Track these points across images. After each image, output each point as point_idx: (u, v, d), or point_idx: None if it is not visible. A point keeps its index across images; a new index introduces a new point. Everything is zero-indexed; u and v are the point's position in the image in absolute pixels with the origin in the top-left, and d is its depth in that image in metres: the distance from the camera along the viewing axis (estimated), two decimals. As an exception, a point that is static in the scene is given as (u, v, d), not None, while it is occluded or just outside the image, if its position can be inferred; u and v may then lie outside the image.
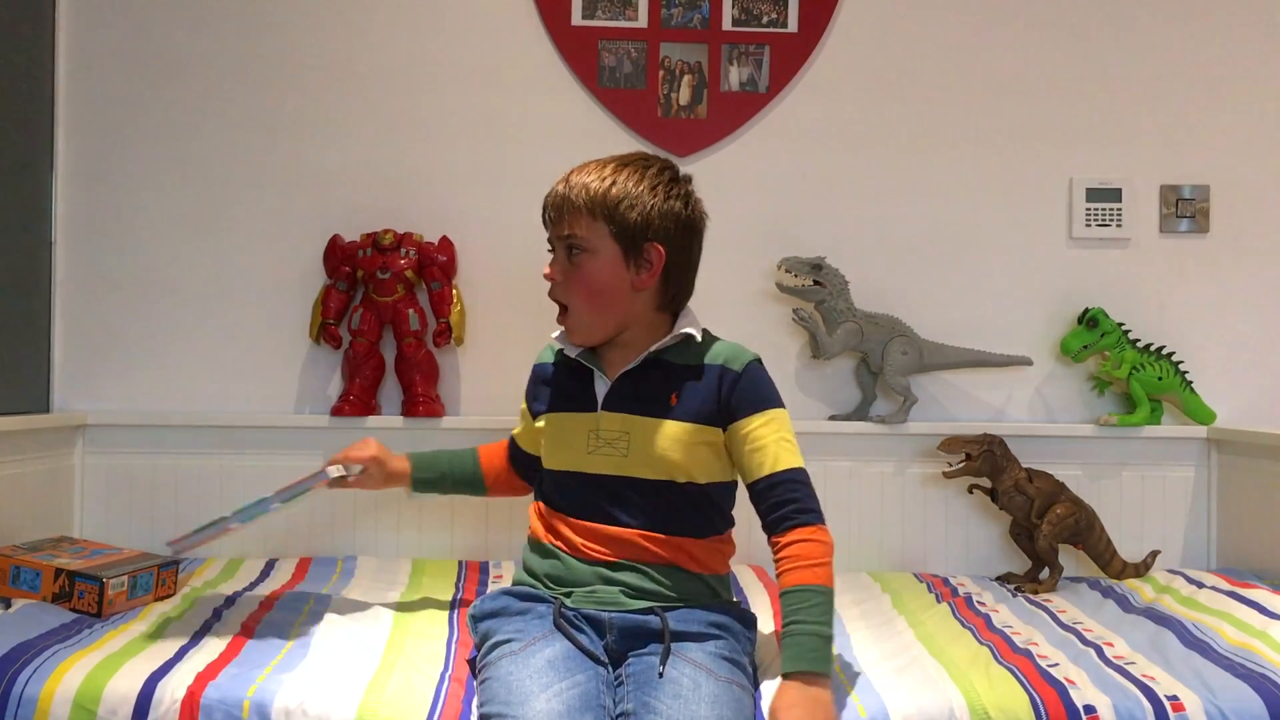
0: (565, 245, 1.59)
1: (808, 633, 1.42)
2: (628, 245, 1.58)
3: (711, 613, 1.53)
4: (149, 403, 2.32)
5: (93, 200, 2.33)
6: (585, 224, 1.57)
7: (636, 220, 1.57)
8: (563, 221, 1.59)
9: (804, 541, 1.49)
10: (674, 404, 1.56)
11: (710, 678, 1.39)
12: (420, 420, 2.27)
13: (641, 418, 1.57)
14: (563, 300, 1.61)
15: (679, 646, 1.46)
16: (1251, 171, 2.40)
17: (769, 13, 2.38)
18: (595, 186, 1.57)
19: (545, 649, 1.42)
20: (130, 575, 1.78)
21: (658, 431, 1.55)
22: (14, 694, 1.41)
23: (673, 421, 1.56)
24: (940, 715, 1.41)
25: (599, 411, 1.59)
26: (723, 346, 1.62)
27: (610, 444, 1.57)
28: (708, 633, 1.49)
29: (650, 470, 1.55)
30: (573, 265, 1.58)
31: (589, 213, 1.57)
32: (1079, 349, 2.31)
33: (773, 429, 1.55)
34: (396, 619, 1.77)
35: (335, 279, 2.28)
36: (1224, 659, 1.59)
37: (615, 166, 1.60)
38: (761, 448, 1.54)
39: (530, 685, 1.34)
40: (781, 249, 2.33)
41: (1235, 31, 2.41)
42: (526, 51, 2.37)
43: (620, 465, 1.56)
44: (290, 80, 2.35)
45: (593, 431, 1.58)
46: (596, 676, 1.40)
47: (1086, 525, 2.16)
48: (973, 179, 2.40)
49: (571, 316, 1.60)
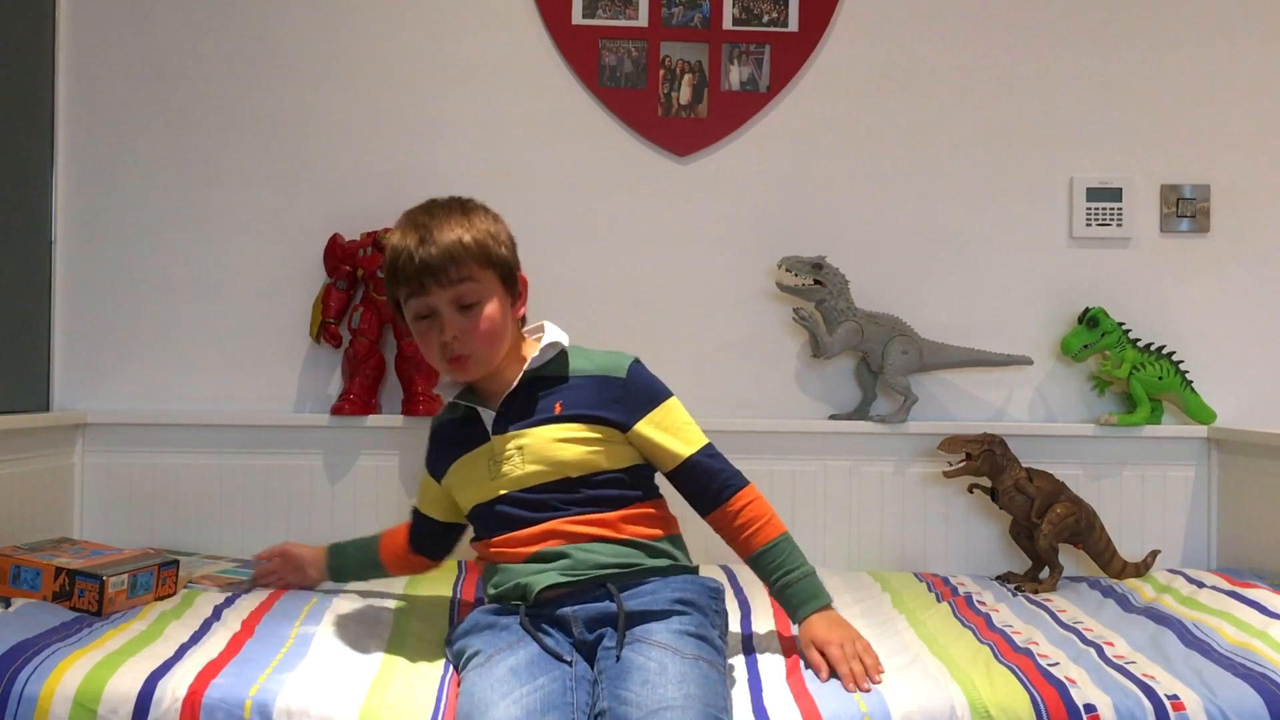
0: (454, 302, 1.59)
1: (802, 575, 1.59)
2: (508, 282, 1.64)
3: (673, 588, 1.54)
4: (149, 402, 2.32)
5: (93, 200, 2.33)
6: (475, 272, 1.59)
7: (506, 256, 1.64)
8: (446, 281, 1.57)
9: (750, 503, 1.62)
10: (559, 411, 1.61)
11: (676, 657, 1.40)
12: (420, 419, 2.27)
13: (530, 429, 1.60)
14: (465, 352, 1.60)
15: (643, 629, 1.47)
16: (1251, 171, 2.41)
17: (769, 12, 2.38)
18: (466, 238, 1.59)
19: (509, 657, 1.43)
20: (130, 574, 1.78)
21: (549, 435, 1.59)
22: (14, 693, 1.40)
23: (562, 425, 1.60)
24: (941, 713, 1.41)
25: (490, 439, 1.63)
26: (597, 355, 1.67)
27: (507, 462, 1.60)
28: (671, 609, 1.50)
29: (550, 471, 1.59)
30: (468, 317, 1.59)
31: (475, 261, 1.59)
32: (1079, 348, 2.31)
33: (672, 418, 1.64)
34: (396, 619, 1.77)
35: (335, 278, 2.28)
36: (1224, 658, 1.59)
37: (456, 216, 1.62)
38: (668, 438, 1.62)
39: (491, 694, 1.35)
40: (781, 249, 2.33)
41: (1235, 31, 2.41)
42: (526, 51, 2.37)
43: (520, 480, 1.59)
44: (290, 80, 2.35)
45: (490, 460, 1.62)
46: (563, 675, 1.40)
47: (1086, 525, 2.16)
48: (973, 179, 2.40)
49: (473, 363, 1.61)
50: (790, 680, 1.49)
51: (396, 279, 1.61)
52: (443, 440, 1.73)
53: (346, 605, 1.83)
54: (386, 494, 2.30)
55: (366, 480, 2.30)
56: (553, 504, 1.59)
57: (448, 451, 1.70)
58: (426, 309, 1.60)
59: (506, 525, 1.61)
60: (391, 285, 1.63)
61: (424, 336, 1.63)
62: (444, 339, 1.59)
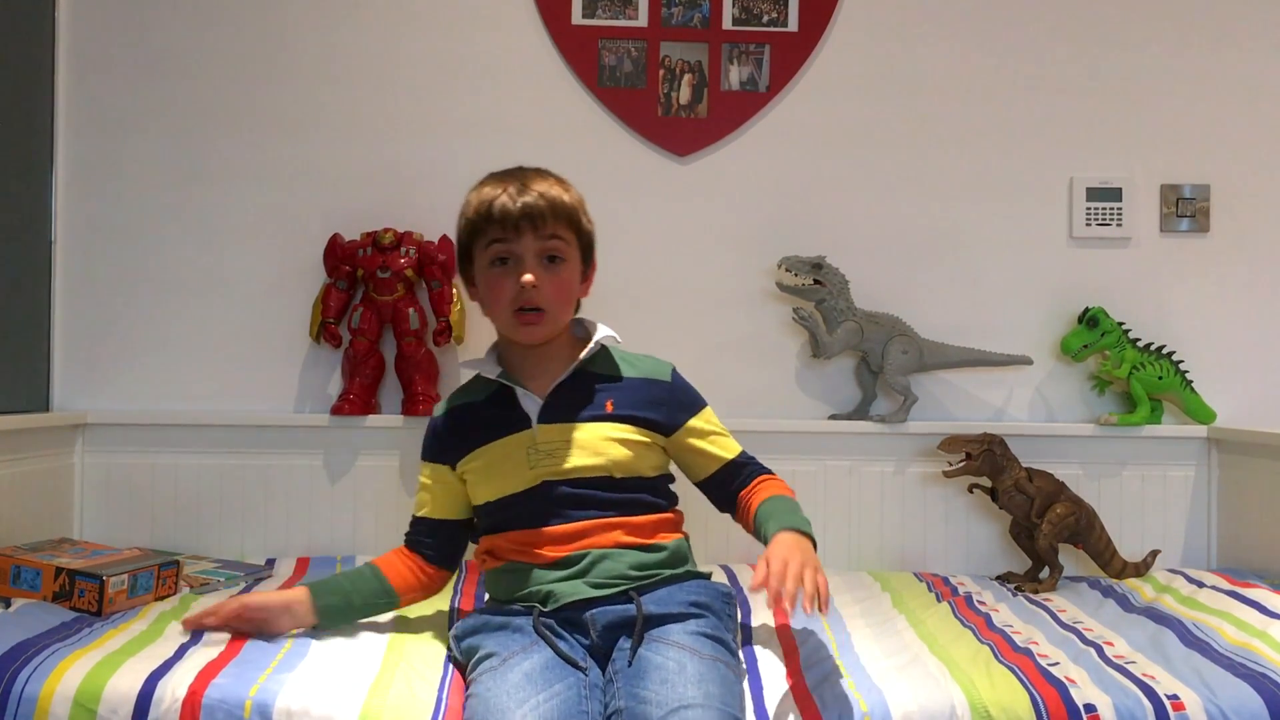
0: (541, 253, 1.59)
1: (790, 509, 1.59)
2: (585, 255, 1.66)
3: (688, 592, 1.54)
4: (149, 402, 2.32)
5: (93, 200, 2.33)
6: (564, 231, 1.60)
7: (590, 230, 1.66)
8: (544, 228, 1.58)
9: (770, 479, 1.69)
10: (610, 409, 1.61)
11: (694, 657, 1.39)
12: (420, 419, 2.26)
13: (579, 423, 1.60)
14: (541, 304, 1.59)
15: (660, 630, 1.46)
16: (1251, 171, 2.41)
17: (769, 12, 2.38)
18: (565, 197, 1.61)
19: (524, 662, 1.41)
20: (130, 574, 1.78)
21: (602, 432, 1.59)
22: (14, 693, 1.40)
23: (611, 423, 1.60)
24: (942, 713, 1.41)
25: (535, 426, 1.61)
26: (638, 359, 1.69)
27: (550, 454, 1.59)
28: (688, 612, 1.50)
29: (599, 467, 1.58)
30: (550, 272, 1.59)
31: (567, 221, 1.60)
32: (1079, 348, 2.31)
33: (711, 425, 1.69)
34: (396, 619, 1.77)
35: (335, 278, 2.28)
36: (1224, 658, 1.59)
37: (550, 178, 1.64)
38: (708, 445, 1.67)
39: (507, 701, 1.33)
40: (781, 249, 2.33)
41: (1235, 32, 2.41)
42: (526, 51, 2.37)
43: (567, 471, 1.58)
44: (290, 80, 2.35)
45: (531, 448, 1.60)
46: (578, 683, 1.39)
47: (1086, 525, 2.16)
48: (973, 179, 2.40)
49: (545, 320, 1.60)
50: (791, 681, 1.49)
51: (485, 222, 1.59)
52: (461, 423, 1.67)
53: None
54: (386, 494, 2.30)
55: (366, 480, 2.30)
56: (590, 501, 1.57)
57: (470, 436, 1.64)
58: (509, 253, 1.59)
59: (537, 519, 1.57)
60: (472, 233, 1.61)
61: (498, 283, 1.59)
62: (522, 283, 1.57)
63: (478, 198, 1.62)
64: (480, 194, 1.62)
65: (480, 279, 1.64)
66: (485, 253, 1.61)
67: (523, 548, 1.59)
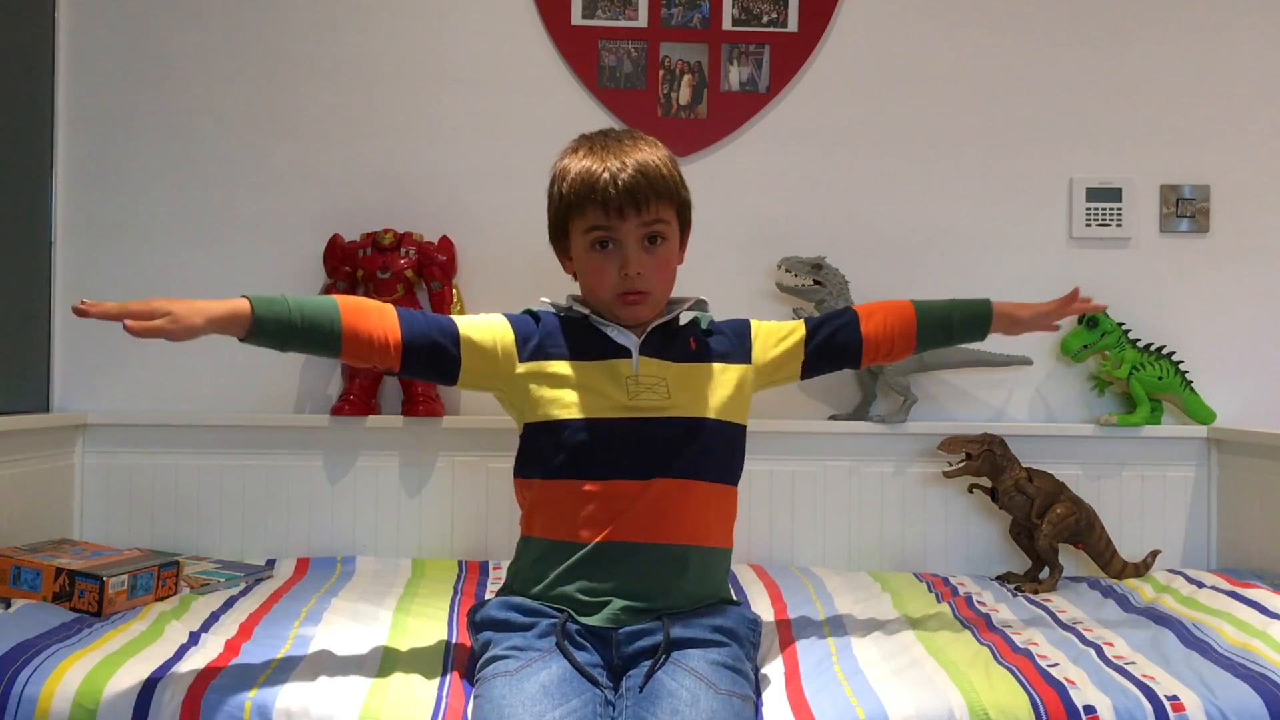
0: (643, 236, 1.54)
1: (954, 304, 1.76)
2: (684, 227, 1.62)
3: (716, 616, 1.50)
4: (149, 403, 2.32)
5: (93, 200, 2.33)
6: (665, 211, 1.56)
7: (687, 195, 1.62)
8: (646, 211, 1.52)
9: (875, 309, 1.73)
10: (695, 349, 1.59)
11: (710, 691, 1.35)
12: (420, 420, 2.27)
13: (675, 363, 1.56)
14: (646, 289, 1.55)
15: (681, 655, 1.42)
16: (1251, 171, 2.41)
17: (769, 12, 2.38)
18: (664, 171, 1.54)
19: (541, 671, 1.36)
20: (130, 575, 1.78)
21: (692, 373, 1.57)
22: (14, 694, 1.40)
23: (702, 364, 1.58)
24: (939, 716, 1.40)
25: (636, 356, 1.55)
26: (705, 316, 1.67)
27: (650, 389, 1.53)
28: (711, 639, 1.46)
29: (694, 408, 1.54)
30: (652, 254, 1.55)
31: (668, 199, 1.55)
32: (1079, 349, 2.31)
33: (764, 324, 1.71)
34: (395, 620, 1.77)
35: (335, 279, 2.29)
36: (1224, 659, 1.59)
37: (647, 147, 1.56)
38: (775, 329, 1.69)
39: (521, 712, 1.29)
40: (781, 249, 2.33)
41: (1235, 31, 2.40)
42: (526, 51, 2.37)
43: (663, 408, 1.52)
44: (290, 80, 2.35)
45: (630, 377, 1.54)
46: (594, 700, 1.35)
47: (1086, 525, 2.16)
48: (973, 179, 2.40)
49: (649, 301, 1.57)
50: (789, 687, 1.49)
51: (583, 201, 1.52)
52: (554, 332, 1.58)
53: (345, 606, 1.83)
54: (386, 494, 2.30)
55: (366, 481, 2.30)
56: (670, 451, 1.50)
57: (567, 348, 1.56)
58: (610, 238, 1.53)
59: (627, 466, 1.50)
60: (568, 209, 1.54)
61: (601, 266, 1.54)
62: (627, 271, 1.53)
63: (576, 170, 1.53)
64: (578, 165, 1.53)
65: (580, 259, 1.57)
66: (585, 236, 1.54)
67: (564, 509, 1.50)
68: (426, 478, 2.30)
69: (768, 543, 2.29)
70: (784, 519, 2.32)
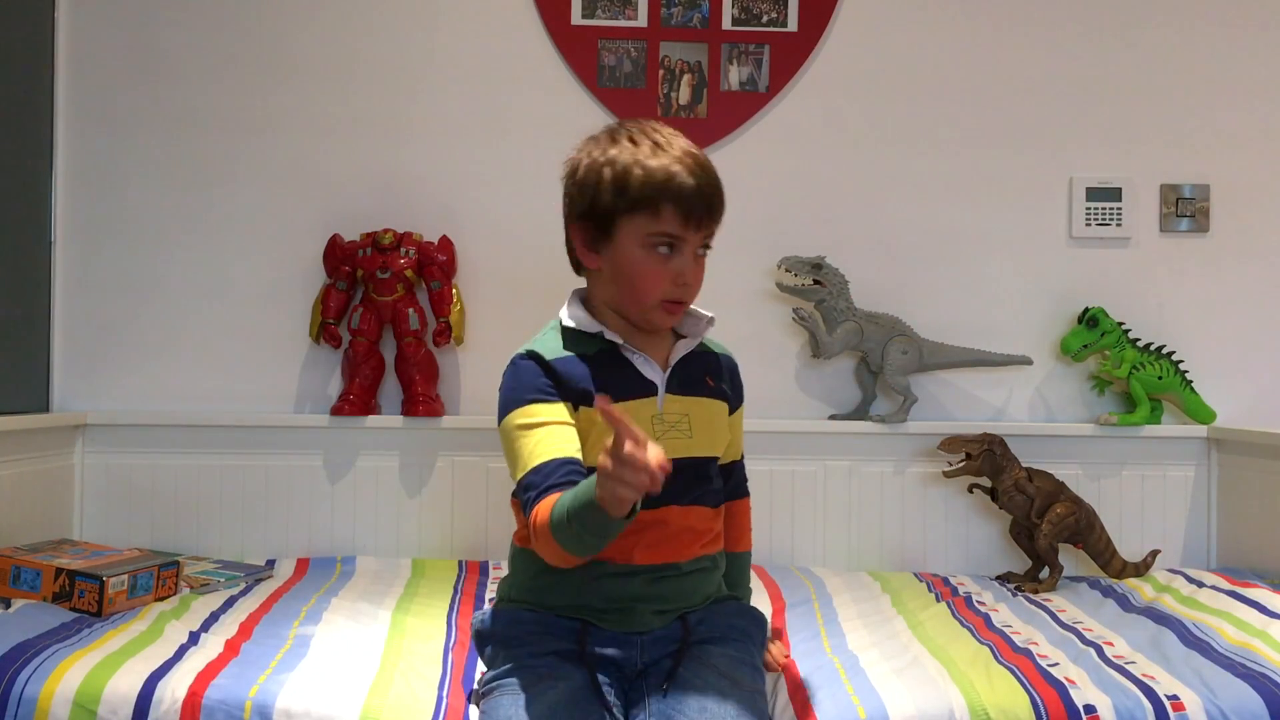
0: (702, 243, 1.46)
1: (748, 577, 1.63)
2: None
3: (730, 612, 1.50)
4: (149, 403, 2.32)
5: (92, 200, 2.33)
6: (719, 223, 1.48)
7: None
8: (712, 224, 1.44)
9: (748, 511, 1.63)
10: (710, 385, 1.53)
11: (735, 688, 1.35)
12: (420, 420, 2.27)
13: (696, 399, 1.50)
14: (690, 300, 1.49)
15: (700, 650, 1.41)
16: (1251, 171, 2.41)
17: (769, 12, 2.38)
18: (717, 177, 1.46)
19: (551, 690, 1.32)
20: (130, 575, 1.78)
21: (709, 411, 1.51)
22: (14, 694, 1.40)
23: (714, 400, 1.52)
24: (940, 716, 1.40)
25: (662, 394, 1.46)
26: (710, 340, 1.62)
27: (674, 426, 1.47)
28: (729, 635, 1.45)
29: (709, 448, 1.50)
30: (699, 263, 1.47)
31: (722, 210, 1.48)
32: (1079, 348, 2.31)
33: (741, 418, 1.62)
34: (395, 620, 1.77)
35: (335, 279, 2.28)
36: (1224, 658, 1.59)
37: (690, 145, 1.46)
38: (740, 434, 1.60)
39: None
40: (781, 249, 2.33)
41: (1235, 31, 2.41)
42: (526, 51, 2.37)
43: (687, 447, 1.46)
44: (290, 80, 2.35)
45: (656, 416, 1.46)
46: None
47: (1086, 525, 2.16)
48: (973, 179, 2.40)
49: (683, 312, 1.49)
50: (790, 686, 1.49)
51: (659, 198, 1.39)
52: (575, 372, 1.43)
53: (345, 606, 1.83)
54: (386, 494, 2.30)
55: (366, 481, 2.30)
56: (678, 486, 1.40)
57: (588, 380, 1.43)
58: (675, 243, 1.41)
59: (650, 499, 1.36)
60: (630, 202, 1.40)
61: (654, 271, 1.42)
62: (685, 280, 1.43)
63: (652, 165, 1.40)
64: (659, 162, 1.40)
65: (627, 259, 1.43)
66: (647, 237, 1.41)
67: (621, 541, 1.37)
68: (426, 478, 2.30)
69: (768, 542, 2.29)
70: (784, 519, 2.32)
